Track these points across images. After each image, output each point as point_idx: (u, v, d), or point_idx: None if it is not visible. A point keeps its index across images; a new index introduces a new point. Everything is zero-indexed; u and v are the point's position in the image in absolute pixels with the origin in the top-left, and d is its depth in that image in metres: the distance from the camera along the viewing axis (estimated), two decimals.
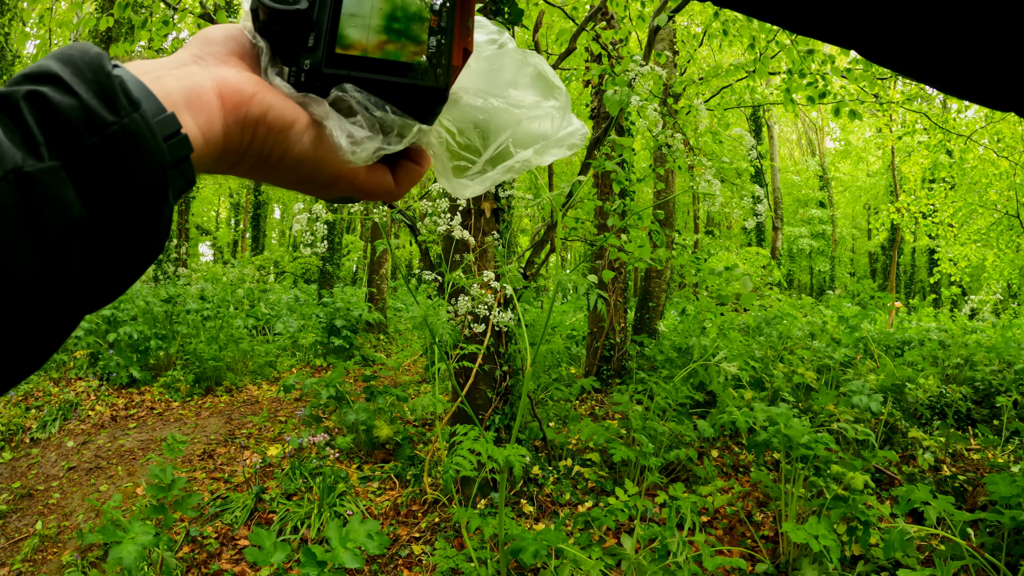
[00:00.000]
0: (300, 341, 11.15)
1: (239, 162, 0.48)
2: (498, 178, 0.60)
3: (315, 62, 0.50)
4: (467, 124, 0.58)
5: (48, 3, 10.33)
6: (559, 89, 0.63)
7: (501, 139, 0.59)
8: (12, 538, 4.69)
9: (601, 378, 8.46)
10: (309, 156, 0.50)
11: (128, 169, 0.38)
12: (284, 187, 0.53)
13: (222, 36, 0.51)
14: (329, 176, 0.52)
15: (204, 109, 0.44)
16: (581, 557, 3.08)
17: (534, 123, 0.61)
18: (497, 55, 0.61)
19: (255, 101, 0.47)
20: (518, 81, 0.61)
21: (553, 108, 0.62)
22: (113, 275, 0.39)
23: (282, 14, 0.49)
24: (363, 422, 5.77)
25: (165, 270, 18.18)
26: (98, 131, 0.37)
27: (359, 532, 2.72)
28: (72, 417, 7.08)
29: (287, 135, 0.48)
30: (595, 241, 3.95)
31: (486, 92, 0.59)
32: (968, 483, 4.91)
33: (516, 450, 2.90)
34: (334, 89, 0.50)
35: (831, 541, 3.08)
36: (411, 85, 0.51)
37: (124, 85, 0.39)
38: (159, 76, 0.44)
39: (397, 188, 0.56)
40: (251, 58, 0.51)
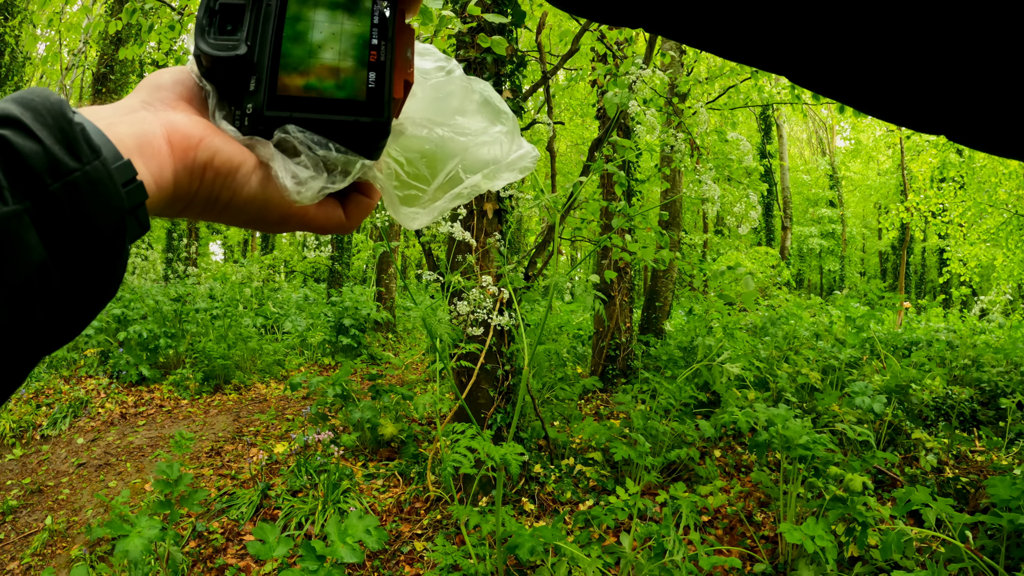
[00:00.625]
0: (308, 340, 11.20)
1: (189, 206, 0.49)
2: (447, 206, 0.62)
3: (257, 105, 0.51)
4: (414, 154, 0.60)
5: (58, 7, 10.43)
6: (506, 114, 0.65)
7: (450, 166, 0.61)
8: (22, 533, 4.76)
9: (606, 378, 8.49)
10: (257, 197, 0.51)
11: (89, 215, 0.38)
12: (236, 226, 0.55)
13: (170, 81, 0.52)
14: (279, 215, 0.53)
15: (155, 155, 0.45)
16: (579, 555, 3.11)
17: (483, 149, 0.62)
18: (443, 83, 0.63)
19: (202, 146, 0.48)
20: (465, 108, 0.63)
21: (501, 133, 0.63)
22: (70, 318, 0.40)
23: (223, 60, 0.51)
24: (368, 420, 5.81)
25: (175, 269, 18.29)
26: (60, 177, 0.37)
27: (358, 527, 2.76)
28: (82, 414, 7.16)
29: (234, 178, 0.49)
30: (599, 241, 3.98)
31: (432, 121, 0.60)
32: (971, 485, 4.91)
33: (513, 448, 2.94)
34: (277, 131, 0.51)
35: (827, 542, 3.10)
36: (352, 122, 0.52)
37: (85, 132, 0.39)
38: (112, 123, 0.44)
39: (348, 221, 0.57)
40: (199, 101, 0.52)
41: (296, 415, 7.39)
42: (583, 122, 17.31)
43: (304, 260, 18.85)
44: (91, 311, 0.41)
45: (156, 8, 6.20)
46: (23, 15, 12.64)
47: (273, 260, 17.44)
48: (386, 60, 0.54)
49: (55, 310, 0.38)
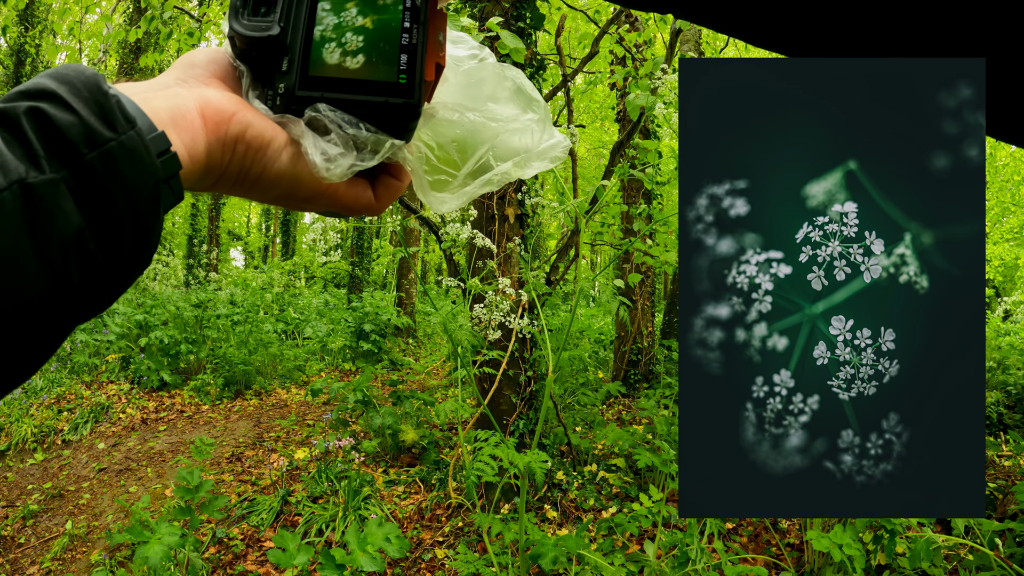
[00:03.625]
0: (329, 345, 11.21)
1: (220, 179, 0.50)
2: (476, 192, 0.61)
3: (289, 85, 0.51)
4: (445, 139, 0.59)
5: (78, 16, 10.53)
6: (538, 102, 0.64)
7: (480, 152, 0.60)
8: (43, 537, 4.77)
9: (628, 383, 8.42)
10: (287, 173, 0.51)
11: (125, 183, 0.39)
12: (266, 203, 0.55)
13: (205, 59, 0.53)
14: (309, 192, 0.53)
15: (188, 128, 0.46)
16: (602, 563, 3.06)
17: (514, 136, 0.61)
18: (476, 69, 0.62)
19: (235, 120, 0.48)
20: (497, 95, 0.62)
21: (532, 121, 0.63)
22: (106, 285, 0.40)
23: (256, 41, 0.51)
24: (389, 426, 5.79)
25: (196, 275, 18.41)
26: (96, 146, 0.38)
27: (377, 535, 2.73)
28: (103, 420, 7.19)
29: (265, 153, 0.50)
30: (620, 245, 3.94)
31: (464, 106, 0.60)
32: (998, 491, 4.81)
33: (537, 456, 2.90)
34: (308, 109, 0.51)
35: (855, 550, 3.04)
36: (383, 103, 0.52)
37: (121, 104, 0.40)
38: (147, 97, 0.45)
39: (377, 203, 0.57)
40: (233, 80, 0.53)
41: (317, 421, 7.39)
42: (602, 125, 17.27)
43: (324, 265, 18.92)
44: (127, 279, 0.42)
45: (175, 16, 6.23)
46: (43, 24, 12.79)
47: (293, 265, 17.50)
48: (418, 43, 0.54)
49: (91, 276, 0.39)
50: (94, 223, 0.38)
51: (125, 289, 0.43)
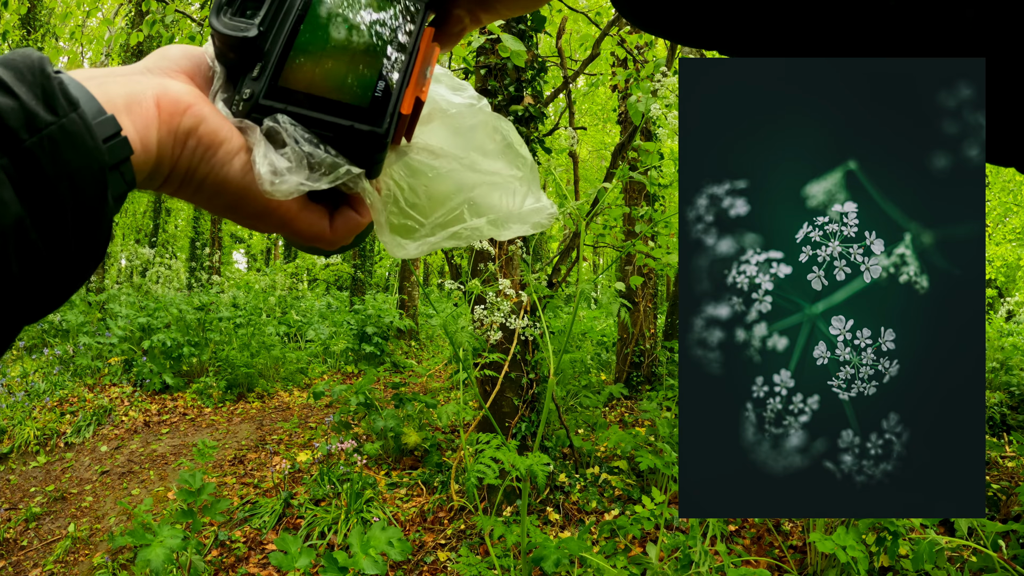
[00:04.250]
0: (331, 348, 11.21)
1: (169, 177, 0.47)
2: (441, 244, 0.58)
3: (255, 91, 0.49)
4: (418, 182, 0.56)
5: (80, 20, 10.57)
6: (525, 161, 0.61)
7: (454, 202, 0.57)
8: (45, 539, 4.78)
9: (631, 385, 8.41)
10: (236, 182, 0.48)
11: (66, 168, 0.37)
12: (214, 212, 0.52)
13: (178, 53, 0.51)
14: (258, 207, 0.50)
15: (142, 115, 0.44)
16: (604, 566, 3.06)
17: (495, 192, 0.59)
18: (466, 115, 0.60)
19: (190, 112, 0.46)
20: (485, 146, 0.60)
21: (515, 178, 0.60)
22: (53, 281, 0.39)
23: (231, 40, 0.49)
24: (391, 429, 5.79)
25: (199, 278, 18.42)
26: (36, 131, 0.36)
27: (380, 538, 2.73)
28: (106, 422, 7.20)
29: (216, 153, 0.47)
30: (622, 247, 3.94)
31: (444, 151, 0.57)
32: (1002, 492, 4.80)
33: (539, 459, 2.89)
34: (267, 119, 0.48)
35: (859, 552, 3.03)
36: (348, 127, 0.49)
37: (63, 86, 0.39)
38: (104, 82, 0.44)
39: (332, 234, 0.53)
40: (202, 78, 0.51)
41: (319, 423, 7.39)
42: (604, 127, 17.28)
43: (326, 268, 18.92)
44: (77, 273, 0.40)
45: (177, 20, 6.25)
46: (45, 28, 12.82)
47: (296, 268, 17.49)
48: (400, 72, 0.52)
49: (33, 267, 0.37)
50: (35, 211, 0.36)
51: (78, 285, 0.41)
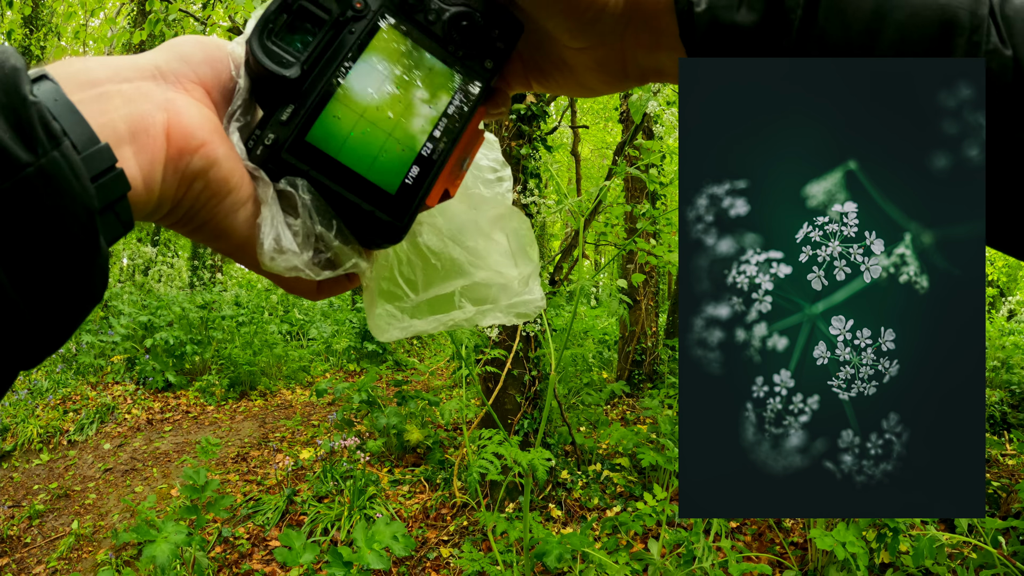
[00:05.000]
0: (334, 346, 11.22)
1: (168, 214, 0.42)
2: (425, 329, 0.55)
3: (279, 140, 0.44)
4: (416, 260, 0.53)
5: (82, 18, 10.58)
6: (531, 261, 0.59)
7: (447, 287, 0.55)
8: (49, 537, 4.79)
9: (632, 382, 8.42)
10: (237, 233, 0.44)
11: (45, 217, 0.32)
12: (209, 247, 0.47)
13: (199, 57, 0.44)
14: (252, 259, 0.45)
15: (148, 147, 0.38)
16: (607, 562, 3.06)
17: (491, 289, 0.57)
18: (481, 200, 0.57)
19: (202, 152, 0.41)
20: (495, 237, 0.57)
21: (515, 279, 0.57)
22: (38, 335, 0.34)
23: (268, 75, 0.44)
24: (394, 426, 5.80)
25: (201, 276, 18.42)
26: (10, 174, 0.30)
27: (384, 533, 2.74)
28: (109, 420, 7.21)
29: (222, 201, 0.43)
30: (623, 245, 3.94)
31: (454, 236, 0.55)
32: (1002, 489, 4.81)
33: (540, 454, 2.90)
34: (285, 179, 0.44)
35: (859, 548, 3.03)
36: (368, 212, 0.45)
37: (43, 115, 0.32)
38: (103, 94, 0.38)
39: (318, 293, 0.50)
40: (221, 91, 0.45)
41: (322, 421, 7.40)
42: (606, 126, 17.27)
43: None
44: (65, 325, 0.35)
45: (180, 19, 6.25)
46: (48, 27, 12.82)
47: None
48: (437, 160, 0.48)
49: (14, 328, 0.32)
50: (12, 269, 0.31)
51: (68, 336, 0.36)
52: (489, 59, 0.50)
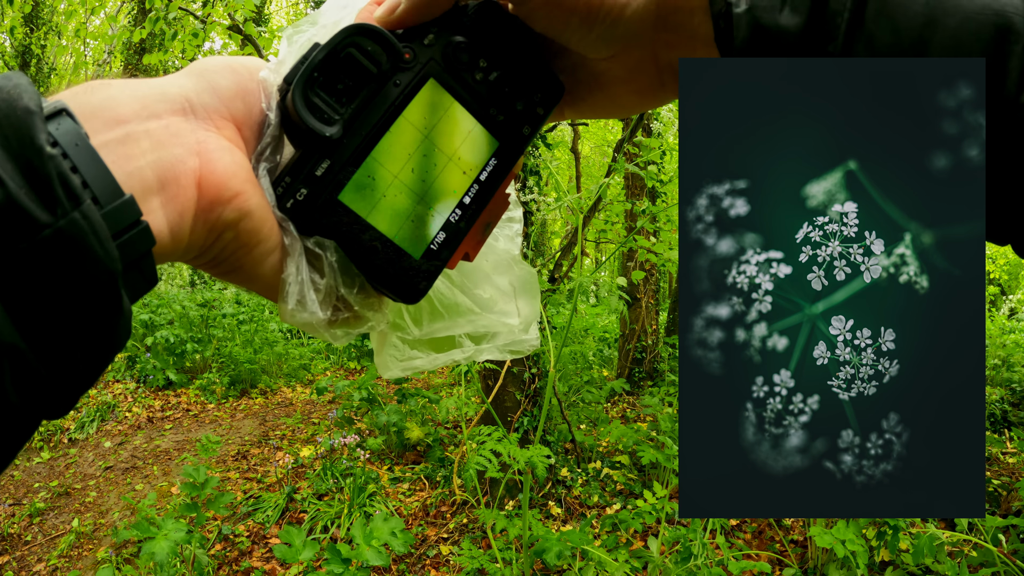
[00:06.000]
0: (334, 344, 11.20)
1: (194, 259, 0.41)
2: (424, 367, 0.56)
3: (312, 196, 0.43)
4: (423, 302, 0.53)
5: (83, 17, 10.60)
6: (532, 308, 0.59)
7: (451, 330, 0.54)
8: (49, 534, 4.80)
9: (633, 380, 8.41)
10: (262, 280, 0.43)
11: (65, 282, 0.30)
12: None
13: (232, 91, 0.42)
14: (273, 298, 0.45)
15: (179, 197, 0.36)
16: (606, 559, 3.07)
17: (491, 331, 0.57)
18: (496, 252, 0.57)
19: (234, 204, 0.39)
20: (498, 281, 0.57)
21: (516, 327, 0.57)
22: (60, 394, 0.32)
23: (308, 132, 0.43)
24: (394, 424, 5.80)
25: (202, 275, 18.41)
26: (28, 236, 0.29)
27: (383, 530, 2.74)
28: (110, 418, 7.21)
29: (251, 252, 0.42)
30: (623, 243, 3.94)
31: (460, 283, 0.55)
32: (1002, 488, 4.81)
33: (539, 451, 2.90)
34: (317, 239, 0.44)
35: (858, 546, 3.04)
36: (392, 275, 0.46)
37: (62, 170, 0.30)
38: (131, 133, 0.35)
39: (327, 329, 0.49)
40: (252, 127, 0.44)
41: (322, 419, 7.40)
42: (606, 124, 17.23)
43: None
44: (88, 378, 0.33)
45: (180, 17, 6.24)
46: (48, 26, 12.81)
47: None
48: (464, 227, 0.48)
49: (36, 392, 0.31)
50: (30, 336, 0.30)
51: (92, 384, 0.34)
52: (528, 126, 0.50)
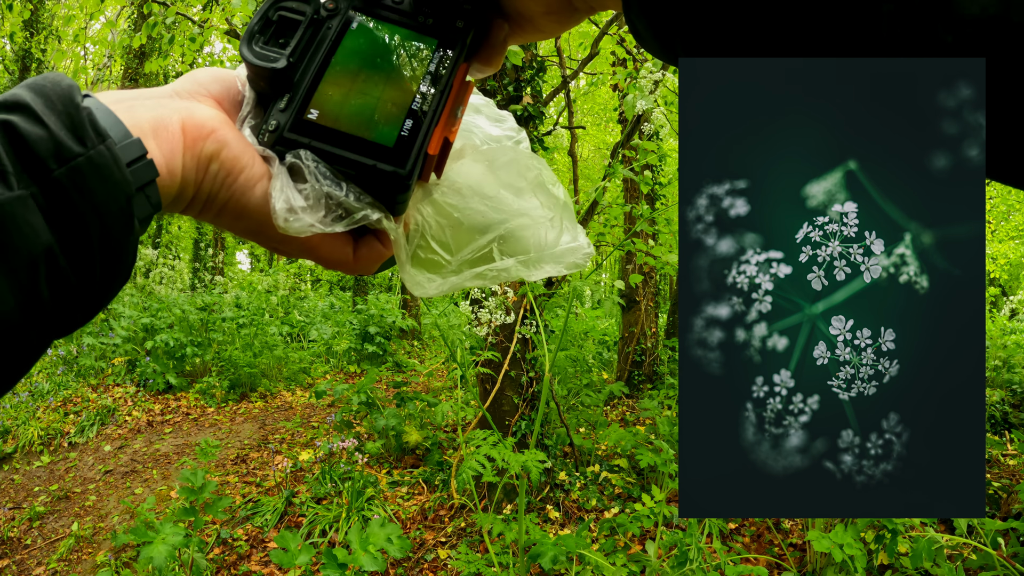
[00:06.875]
0: (334, 348, 11.21)
1: (192, 200, 0.48)
2: (465, 284, 0.57)
3: (280, 123, 0.49)
4: (443, 220, 0.56)
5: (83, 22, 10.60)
6: (557, 200, 0.60)
7: (482, 242, 0.56)
8: (49, 538, 4.79)
9: (632, 383, 8.41)
10: (256, 208, 0.49)
11: (93, 199, 0.38)
12: (239, 235, 0.52)
13: (209, 78, 0.52)
14: (279, 235, 0.49)
15: (168, 139, 0.44)
16: (604, 563, 3.06)
17: (525, 232, 0.57)
18: (497, 152, 0.59)
19: (213, 137, 0.47)
20: (515, 184, 0.58)
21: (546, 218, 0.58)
22: (80, 301, 0.40)
23: (259, 70, 0.49)
24: (393, 428, 5.80)
25: (202, 278, 18.44)
26: (64, 162, 0.37)
27: (379, 535, 2.74)
28: (109, 422, 7.21)
29: (237, 179, 0.48)
30: (621, 245, 3.94)
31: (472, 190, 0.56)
32: (1002, 490, 4.80)
33: (534, 455, 2.90)
34: (290, 154, 0.48)
35: (856, 550, 3.03)
36: (371, 166, 0.48)
37: (92, 117, 0.40)
38: (132, 105, 0.44)
39: (355, 263, 0.53)
40: (232, 103, 0.52)
41: (321, 423, 7.40)
42: (605, 127, 17.26)
43: None
44: (102, 295, 0.41)
45: (178, 22, 6.25)
46: (48, 30, 12.83)
47: (299, 269, 17.50)
48: (429, 111, 0.51)
49: (62, 293, 0.38)
50: (64, 240, 0.38)
51: (103, 306, 0.42)
52: (459, 19, 0.53)
